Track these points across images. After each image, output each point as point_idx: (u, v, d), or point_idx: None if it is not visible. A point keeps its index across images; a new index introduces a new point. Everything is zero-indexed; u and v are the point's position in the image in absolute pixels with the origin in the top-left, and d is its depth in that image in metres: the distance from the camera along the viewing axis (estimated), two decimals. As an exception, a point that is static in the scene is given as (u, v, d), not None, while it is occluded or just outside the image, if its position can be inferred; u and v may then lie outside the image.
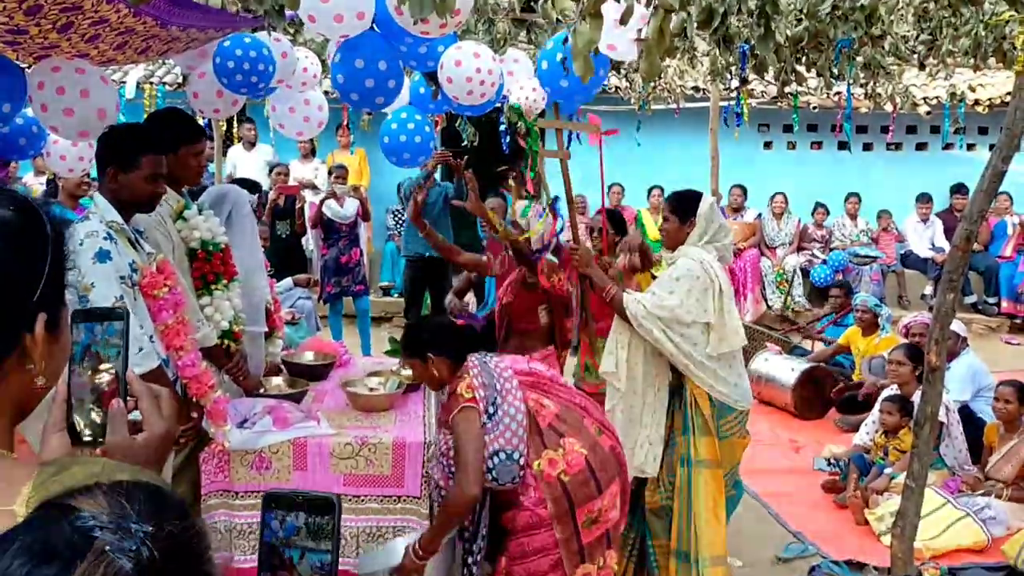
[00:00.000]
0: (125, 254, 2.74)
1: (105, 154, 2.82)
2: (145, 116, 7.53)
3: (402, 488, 3.31)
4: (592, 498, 2.92)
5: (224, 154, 8.94)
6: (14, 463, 1.01)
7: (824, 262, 10.12)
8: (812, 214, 10.60)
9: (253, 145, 9.62)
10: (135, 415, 1.24)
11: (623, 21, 2.64)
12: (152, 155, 2.78)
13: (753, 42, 4.08)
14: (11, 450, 1.02)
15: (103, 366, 1.23)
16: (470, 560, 3.02)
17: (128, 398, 1.25)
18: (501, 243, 4.41)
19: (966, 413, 5.55)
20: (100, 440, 1.17)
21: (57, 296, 1.04)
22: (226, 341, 3.44)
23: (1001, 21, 3.82)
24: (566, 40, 3.02)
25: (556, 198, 4.25)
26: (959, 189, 10.28)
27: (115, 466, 1.05)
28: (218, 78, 3.69)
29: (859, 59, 5.14)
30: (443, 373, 3.03)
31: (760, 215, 10.45)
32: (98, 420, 1.22)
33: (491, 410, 2.89)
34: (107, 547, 0.66)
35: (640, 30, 2.46)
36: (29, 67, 3.27)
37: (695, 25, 3.83)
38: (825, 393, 6.81)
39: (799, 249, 10.43)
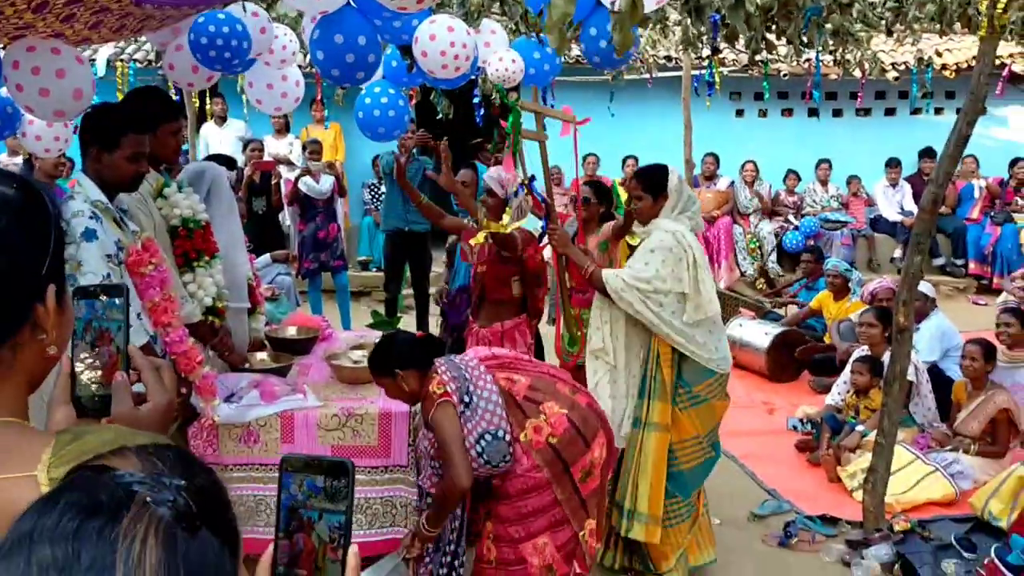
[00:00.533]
0: (111, 233, 2.77)
1: (88, 134, 2.83)
2: (118, 94, 7.51)
3: (389, 458, 3.39)
4: (583, 453, 3.04)
5: (197, 131, 8.88)
6: (32, 431, 1.06)
7: (796, 228, 10.26)
8: (783, 181, 10.71)
9: (224, 120, 9.56)
10: (138, 387, 1.30)
11: (597, -6, 2.70)
12: (134, 135, 2.81)
13: (724, 12, 4.14)
14: (26, 419, 1.07)
15: (104, 340, 1.29)
16: (456, 563, 3.14)
17: (131, 371, 1.31)
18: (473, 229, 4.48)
19: (935, 373, 5.70)
20: (105, 412, 1.22)
21: (61, 269, 1.09)
22: (210, 317, 3.47)
23: (964, -12, 3.90)
24: (541, 13, 3.06)
25: (532, 177, 4.30)
26: (927, 153, 10.43)
27: (127, 432, 1.12)
28: (193, 55, 3.69)
29: (828, 26, 5.21)
30: (413, 385, 3.08)
31: (733, 183, 10.55)
32: (102, 392, 1.27)
33: (466, 399, 2.98)
34: (147, 499, 0.72)
35: (613, 2, 2.51)
36: (4, 47, 3.26)
37: (667, -4, 3.87)
38: (797, 356, 6.97)
39: (772, 216, 10.55)
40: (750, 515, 4.56)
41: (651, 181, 3.71)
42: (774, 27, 4.77)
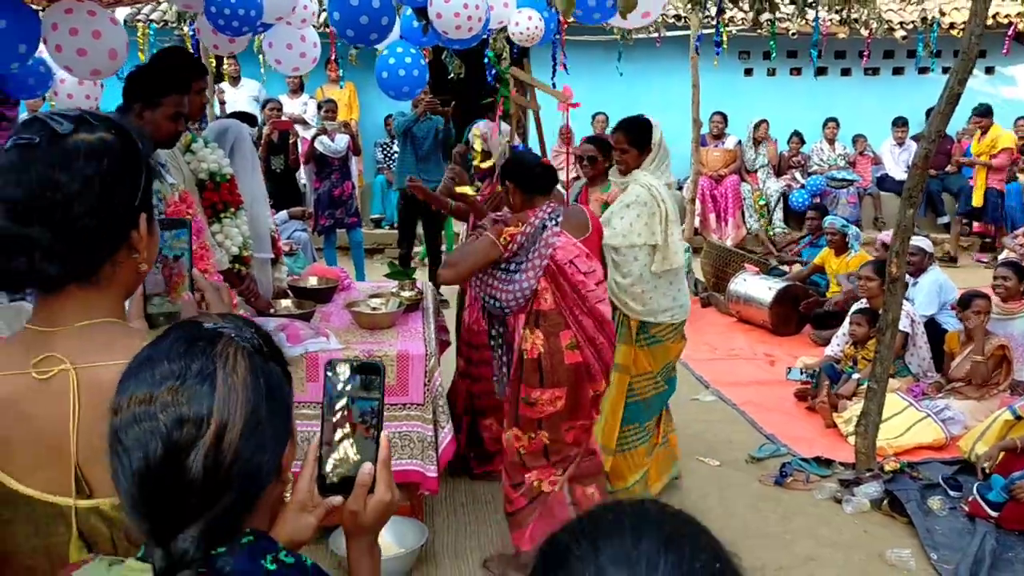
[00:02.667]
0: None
1: (132, 93, 3.02)
2: (140, 55, 7.68)
3: (407, 396, 3.62)
4: (533, 387, 3.38)
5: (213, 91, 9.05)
6: (131, 328, 1.29)
7: (802, 187, 10.39)
8: (787, 142, 10.81)
9: (237, 80, 9.71)
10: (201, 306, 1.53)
11: (602, -42, 2.86)
12: (176, 95, 3.00)
13: (727, -27, 4.26)
14: (124, 319, 1.30)
15: (172, 265, 1.52)
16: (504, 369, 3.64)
17: (195, 291, 1.54)
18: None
19: (933, 326, 5.89)
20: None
21: (150, 199, 1.30)
22: (237, 265, 3.69)
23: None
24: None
25: (518, 148, 4.51)
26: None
27: None
28: (208, 20, 3.83)
29: (832, -14, 5.33)
30: (516, 202, 3.49)
31: (740, 142, 10.66)
32: (170, 310, 1.50)
33: (512, 267, 3.37)
34: (232, 335, 1.04)
35: (617, -33, 2.67)
36: (43, 9, 3.44)
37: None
38: (800, 311, 7.17)
39: (779, 174, 10.68)
40: (748, 457, 4.79)
41: (638, 135, 3.93)
42: (778, -13, 4.90)
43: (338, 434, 1.18)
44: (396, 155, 8.14)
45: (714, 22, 6.94)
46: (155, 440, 0.93)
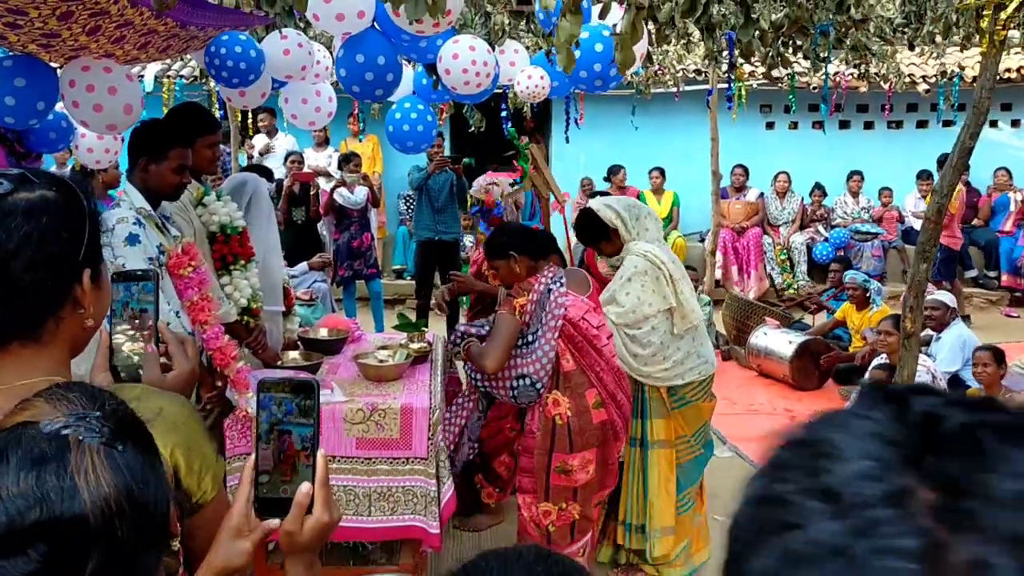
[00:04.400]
0: (153, 237, 3.02)
1: (137, 147, 3.09)
2: (164, 109, 7.87)
3: (410, 450, 3.58)
4: (565, 452, 3.31)
5: (241, 144, 9.21)
6: None
7: (826, 239, 10.32)
8: (809, 194, 10.78)
9: (273, 134, 9.89)
10: (164, 360, 1.53)
11: (602, 16, 2.89)
12: (180, 148, 3.06)
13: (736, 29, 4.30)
14: (69, 378, 1.29)
15: (137, 318, 1.53)
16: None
17: (160, 344, 1.54)
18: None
19: (957, 382, 5.77)
20: (136, 378, 1.46)
21: (96, 254, 1.31)
22: (245, 317, 3.72)
23: (968, 7, 4.02)
24: (550, 34, 3.26)
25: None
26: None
27: (151, 391, 1.36)
28: (209, 73, 3.91)
29: (847, 42, 5.35)
30: (522, 271, 3.48)
31: (763, 194, 10.65)
32: (135, 362, 1.51)
33: (529, 338, 3.34)
34: (79, 437, 0.88)
35: (615, 24, 2.70)
36: (60, 67, 3.54)
37: (680, 13, 4.06)
38: (822, 366, 7.06)
39: (802, 227, 10.63)
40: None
41: (592, 232, 3.83)
42: (790, 43, 4.92)
43: (272, 459, 1.18)
44: (416, 205, 8.23)
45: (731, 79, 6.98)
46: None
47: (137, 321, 1.49)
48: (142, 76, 8.86)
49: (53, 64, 3.55)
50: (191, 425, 1.36)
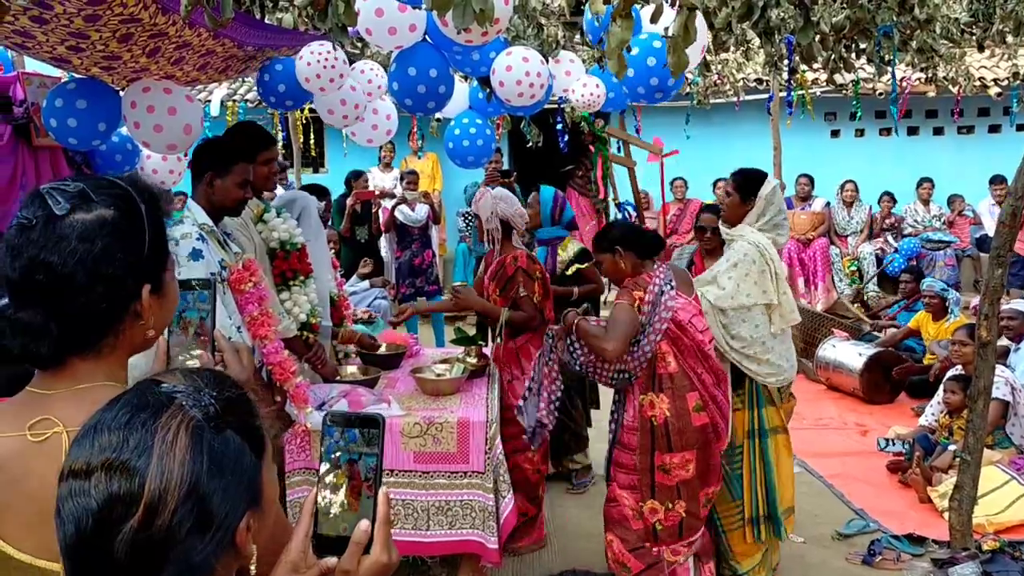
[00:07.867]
0: (215, 253, 3.06)
1: (203, 162, 3.16)
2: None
3: (468, 464, 3.56)
4: (664, 452, 3.34)
5: (304, 165, 9.40)
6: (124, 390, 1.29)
7: (896, 250, 10.03)
8: (878, 202, 10.50)
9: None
10: (220, 368, 1.53)
11: (653, 20, 2.85)
12: (243, 163, 3.12)
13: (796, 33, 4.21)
14: (125, 383, 1.30)
15: (194, 326, 1.53)
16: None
17: (216, 352, 1.54)
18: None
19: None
20: None
21: (159, 264, 1.30)
22: (305, 332, 3.75)
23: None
24: (601, 41, 3.22)
25: (625, 202, 4.51)
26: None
27: None
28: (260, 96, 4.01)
29: (912, 44, 5.19)
30: (627, 267, 3.49)
31: (829, 204, 10.41)
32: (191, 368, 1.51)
33: (640, 338, 3.35)
34: (183, 403, 0.97)
35: (667, 28, 2.65)
36: (122, 89, 3.63)
37: (736, 18, 3.99)
38: (893, 377, 6.83)
39: (871, 237, 10.35)
40: (835, 533, 4.53)
41: (744, 182, 3.78)
42: (852, 46, 4.80)
43: (337, 491, 1.15)
44: (473, 222, 8.26)
45: (794, 83, 6.85)
46: (87, 516, 0.90)
47: (193, 329, 1.50)
48: (209, 101, 9.09)
49: (115, 87, 3.64)
50: None
